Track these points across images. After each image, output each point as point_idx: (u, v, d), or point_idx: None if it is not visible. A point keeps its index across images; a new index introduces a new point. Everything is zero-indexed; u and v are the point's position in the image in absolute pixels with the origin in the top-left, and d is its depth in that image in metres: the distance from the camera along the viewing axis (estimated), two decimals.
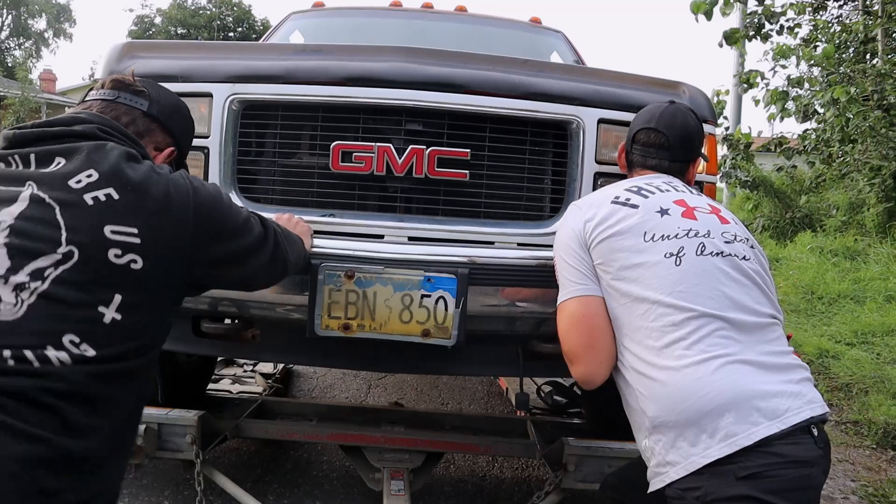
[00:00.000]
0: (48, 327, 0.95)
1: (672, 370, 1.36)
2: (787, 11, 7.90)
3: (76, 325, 0.97)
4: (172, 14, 27.88)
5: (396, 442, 2.41)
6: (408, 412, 2.78)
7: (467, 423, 2.73)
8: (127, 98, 1.28)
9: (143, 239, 1.05)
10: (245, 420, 2.45)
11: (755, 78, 7.76)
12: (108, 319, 0.99)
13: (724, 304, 1.40)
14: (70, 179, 1.04)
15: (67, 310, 0.97)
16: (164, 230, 1.09)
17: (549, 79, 1.91)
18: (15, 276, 0.95)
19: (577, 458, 2.21)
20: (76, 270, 0.99)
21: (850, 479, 3.03)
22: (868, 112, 6.86)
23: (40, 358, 0.92)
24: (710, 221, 1.52)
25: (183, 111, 1.44)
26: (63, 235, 1.00)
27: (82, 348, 0.96)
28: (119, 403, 1.02)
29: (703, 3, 6.41)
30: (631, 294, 1.45)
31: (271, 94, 1.80)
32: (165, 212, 1.09)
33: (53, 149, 1.08)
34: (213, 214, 1.21)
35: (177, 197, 1.12)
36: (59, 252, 0.98)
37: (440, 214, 1.87)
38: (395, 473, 2.30)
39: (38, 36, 39.32)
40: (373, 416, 2.69)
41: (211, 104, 1.78)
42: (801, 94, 7.92)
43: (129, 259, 1.03)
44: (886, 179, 6.95)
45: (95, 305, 0.99)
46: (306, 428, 2.48)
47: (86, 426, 0.95)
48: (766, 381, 1.34)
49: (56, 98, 29.15)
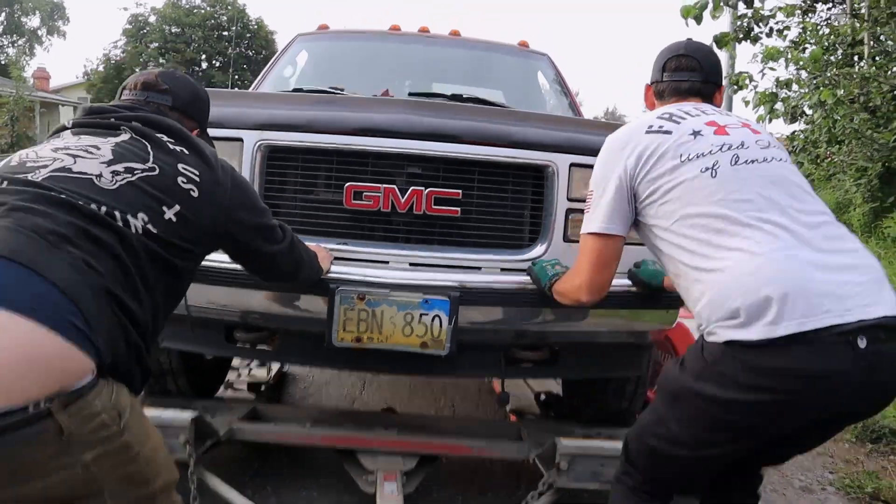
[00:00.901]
0: (131, 202, 1.33)
1: (731, 264, 1.48)
2: (776, 14, 7.98)
3: (148, 210, 1.35)
4: (167, 13, 27.80)
5: (389, 444, 2.45)
6: (401, 416, 2.83)
7: (461, 426, 2.77)
8: (154, 97, 1.61)
9: (200, 179, 1.46)
10: (239, 423, 2.49)
11: (745, 80, 7.84)
12: (167, 217, 1.37)
13: (764, 206, 1.52)
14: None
15: (145, 198, 1.35)
16: (213, 182, 1.49)
17: (528, 128, 2.26)
18: (114, 165, 1.37)
19: (569, 457, 2.27)
20: (155, 179, 1.39)
21: (828, 471, 3.14)
22: (854, 114, 6.96)
23: (122, 219, 1.29)
24: (743, 133, 1.65)
25: (201, 96, 1.74)
26: (150, 157, 1.42)
27: (148, 226, 1.33)
28: (156, 284, 1.34)
29: (692, 7, 6.48)
30: (677, 213, 1.59)
31: (294, 140, 2.13)
32: (215, 170, 1.51)
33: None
34: (245, 190, 1.61)
35: (223, 165, 1.55)
36: (146, 164, 1.40)
37: (436, 243, 2.18)
38: (388, 476, 2.34)
39: (32, 34, 39.16)
40: (366, 420, 2.74)
41: (242, 148, 2.11)
42: (789, 95, 8.01)
43: (189, 187, 1.43)
44: (872, 180, 7.06)
45: (161, 204, 1.37)
46: (300, 431, 2.50)
47: (133, 285, 1.28)
48: (826, 272, 1.44)
49: (50, 96, 29.08)
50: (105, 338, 1.17)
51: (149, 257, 1.32)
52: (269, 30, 29.54)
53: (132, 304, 1.26)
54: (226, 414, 2.56)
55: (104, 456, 1.16)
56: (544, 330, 2.28)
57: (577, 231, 1.98)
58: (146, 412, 2.22)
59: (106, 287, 1.21)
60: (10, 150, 17.11)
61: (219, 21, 28.93)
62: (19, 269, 1.11)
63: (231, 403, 2.82)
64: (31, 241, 1.16)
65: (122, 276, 1.25)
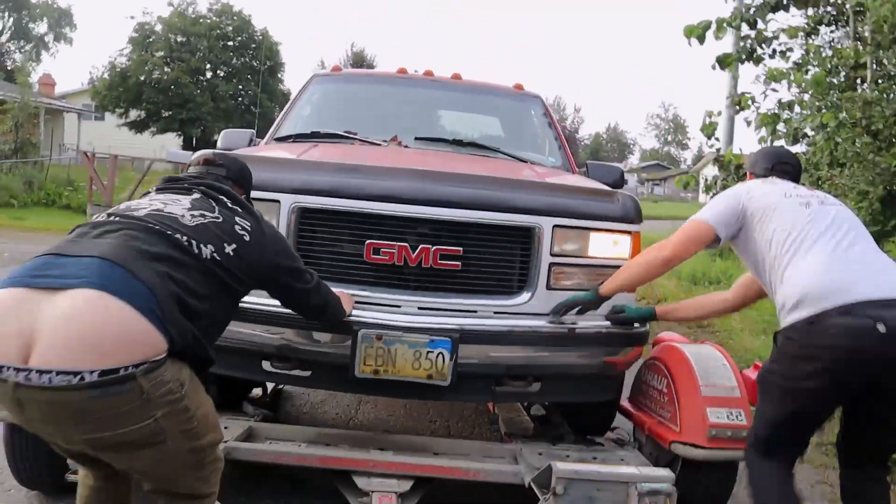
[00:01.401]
0: (204, 236, 1.82)
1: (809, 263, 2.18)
2: (779, 36, 8.01)
3: (215, 243, 1.83)
4: (173, 22, 27.92)
5: (384, 466, 2.46)
6: (396, 437, 2.83)
7: (456, 448, 2.78)
8: (213, 170, 2.14)
9: (250, 229, 1.96)
10: (234, 443, 2.49)
11: (747, 101, 7.86)
12: (227, 251, 1.85)
13: (827, 228, 2.25)
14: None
15: (213, 235, 1.84)
16: (259, 233, 2.00)
17: (518, 195, 2.69)
18: (192, 211, 1.88)
19: (565, 481, 2.27)
20: (220, 224, 1.89)
21: (827, 500, 3.10)
22: (856, 137, 6.96)
23: (197, 247, 1.78)
24: (814, 193, 2.44)
25: (246, 171, 2.26)
26: (216, 209, 1.93)
27: (215, 254, 1.81)
28: (215, 299, 1.80)
29: (696, 27, 6.52)
30: (772, 226, 2.31)
31: (322, 204, 2.57)
32: (261, 224, 2.05)
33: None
34: (281, 241, 2.20)
35: (266, 222, 2.12)
36: (213, 213, 1.91)
37: (440, 290, 2.60)
38: (383, 498, 2.33)
39: (39, 40, 39.41)
40: (362, 442, 2.72)
41: (279, 208, 2.54)
42: (791, 117, 8.02)
43: (243, 233, 1.93)
44: (874, 203, 7.03)
45: (223, 241, 1.86)
46: (295, 452, 2.51)
47: (198, 295, 1.72)
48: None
49: (55, 103, 29.16)
50: (176, 329, 1.60)
51: (213, 278, 1.79)
52: (273, 40, 29.65)
53: (198, 308, 1.70)
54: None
55: (170, 414, 1.59)
56: (528, 364, 2.68)
57: (560, 281, 2.63)
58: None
59: (178, 293, 1.65)
60: (13, 155, 17.13)
61: (224, 31, 29.05)
62: (122, 269, 1.57)
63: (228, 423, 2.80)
64: (131, 253, 1.63)
65: (192, 288, 1.70)
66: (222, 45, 29.05)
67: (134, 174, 19.99)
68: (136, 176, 17.47)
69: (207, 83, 28.62)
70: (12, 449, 2.45)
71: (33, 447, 2.40)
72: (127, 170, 22.95)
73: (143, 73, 26.92)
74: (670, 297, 8.10)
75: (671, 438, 2.60)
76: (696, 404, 2.56)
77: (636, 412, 2.97)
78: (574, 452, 2.74)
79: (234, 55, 29.13)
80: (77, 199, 15.07)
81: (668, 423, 2.67)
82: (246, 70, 29.01)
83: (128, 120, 28.17)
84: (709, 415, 2.52)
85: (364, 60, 42.99)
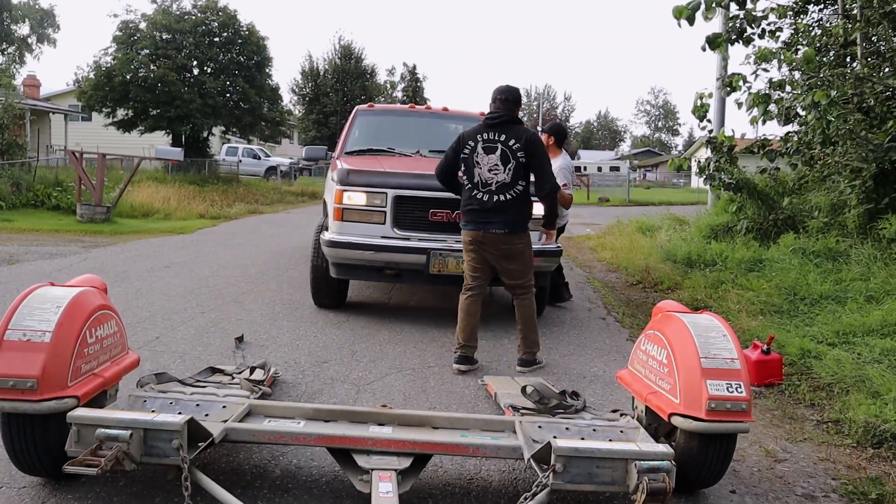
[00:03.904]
0: (516, 180, 4.35)
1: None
2: (768, 15, 7.99)
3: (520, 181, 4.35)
4: (157, 20, 27.60)
5: (384, 444, 2.44)
6: (395, 414, 2.80)
7: (455, 424, 2.76)
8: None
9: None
10: (232, 424, 2.46)
11: (738, 81, 7.84)
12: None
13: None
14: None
15: (517, 176, 4.35)
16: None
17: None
18: (504, 167, 4.32)
19: (564, 458, 2.25)
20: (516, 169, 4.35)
21: (831, 477, 3.08)
22: (848, 115, 6.96)
23: (512, 185, 4.35)
24: None
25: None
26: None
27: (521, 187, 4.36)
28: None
29: (685, 8, 6.48)
30: None
31: (405, 193, 5.34)
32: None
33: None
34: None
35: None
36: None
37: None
38: (383, 476, 2.32)
39: (22, 41, 38.96)
40: (360, 418, 2.71)
41: (386, 196, 5.33)
42: (782, 96, 8.01)
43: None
44: (867, 181, 7.04)
45: (517, 179, 4.38)
46: (294, 432, 2.49)
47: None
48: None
49: (40, 104, 28.90)
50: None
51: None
52: (260, 35, 29.37)
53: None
54: (221, 414, 2.54)
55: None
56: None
57: None
58: (136, 416, 2.22)
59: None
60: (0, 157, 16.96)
61: (210, 27, 28.76)
62: None
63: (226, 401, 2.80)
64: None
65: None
66: (208, 42, 28.77)
67: (122, 173, 19.84)
68: (125, 175, 17.33)
69: (194, 80, 28.34)
70: (10, 438, 2.44)
71: (30, 436, 2.39)
72: (116, 169, 22.80)
73: (129, 72, 26.58)
74: (667, 281, 8.10)
75: (671, 410, 2.58)
76: (695, 376, 2.53)
77: (635, 382, 2.96)
78: (573, 426, 2.72)
79: (221, 51, 28.84)
80: (66, 199, 14.94)
81: (667, 395, 2.65)
82: (233, 66, 28.72)
83: (115, 119, 27.88)
84: (708, 387, 2.50)
85: (352, 54, 42.77)
